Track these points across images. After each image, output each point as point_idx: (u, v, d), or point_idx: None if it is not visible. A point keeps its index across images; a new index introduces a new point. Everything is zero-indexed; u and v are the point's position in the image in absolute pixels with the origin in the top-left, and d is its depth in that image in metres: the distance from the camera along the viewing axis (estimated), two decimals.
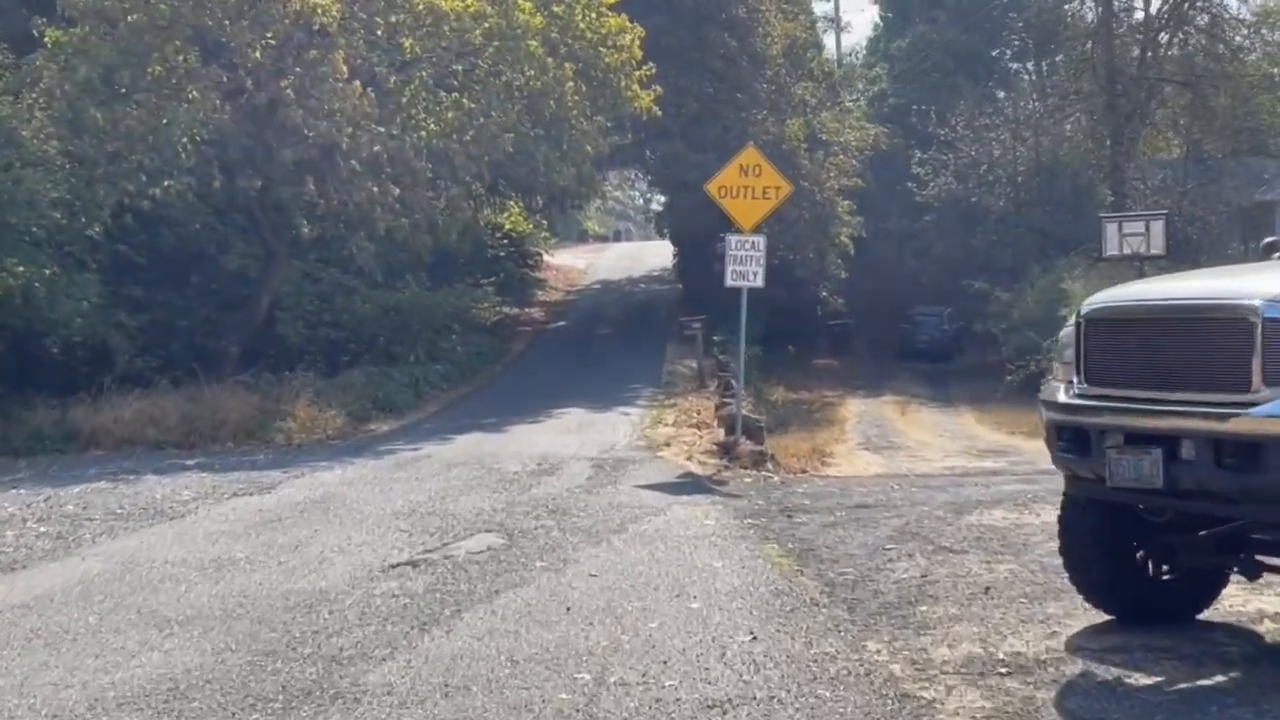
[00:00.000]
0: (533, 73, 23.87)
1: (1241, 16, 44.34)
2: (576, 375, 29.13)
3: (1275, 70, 44.40)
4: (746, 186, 16.59)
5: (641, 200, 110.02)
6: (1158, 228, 23.34)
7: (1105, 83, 40.39)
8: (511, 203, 43.57)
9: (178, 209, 26.98)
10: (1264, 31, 44.58)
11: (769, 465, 16.09)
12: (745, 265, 16.67)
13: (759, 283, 16.74)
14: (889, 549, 9.64)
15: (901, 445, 23.47)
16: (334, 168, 21.62)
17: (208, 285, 27.91)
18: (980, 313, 39.16)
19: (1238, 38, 42.48)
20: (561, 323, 41.06)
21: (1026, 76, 49.68)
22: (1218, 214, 39.83)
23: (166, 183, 21.15)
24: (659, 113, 27.97)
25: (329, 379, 24.92)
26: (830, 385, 37.48)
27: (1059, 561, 7.82)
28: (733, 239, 16.68)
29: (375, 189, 21.59)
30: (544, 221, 47.80)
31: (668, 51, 32.83)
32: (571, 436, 18.41)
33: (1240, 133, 42.07)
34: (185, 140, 21.76)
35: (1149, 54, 40.89)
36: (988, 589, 8.06)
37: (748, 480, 14.41)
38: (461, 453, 16.60)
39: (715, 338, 31.48)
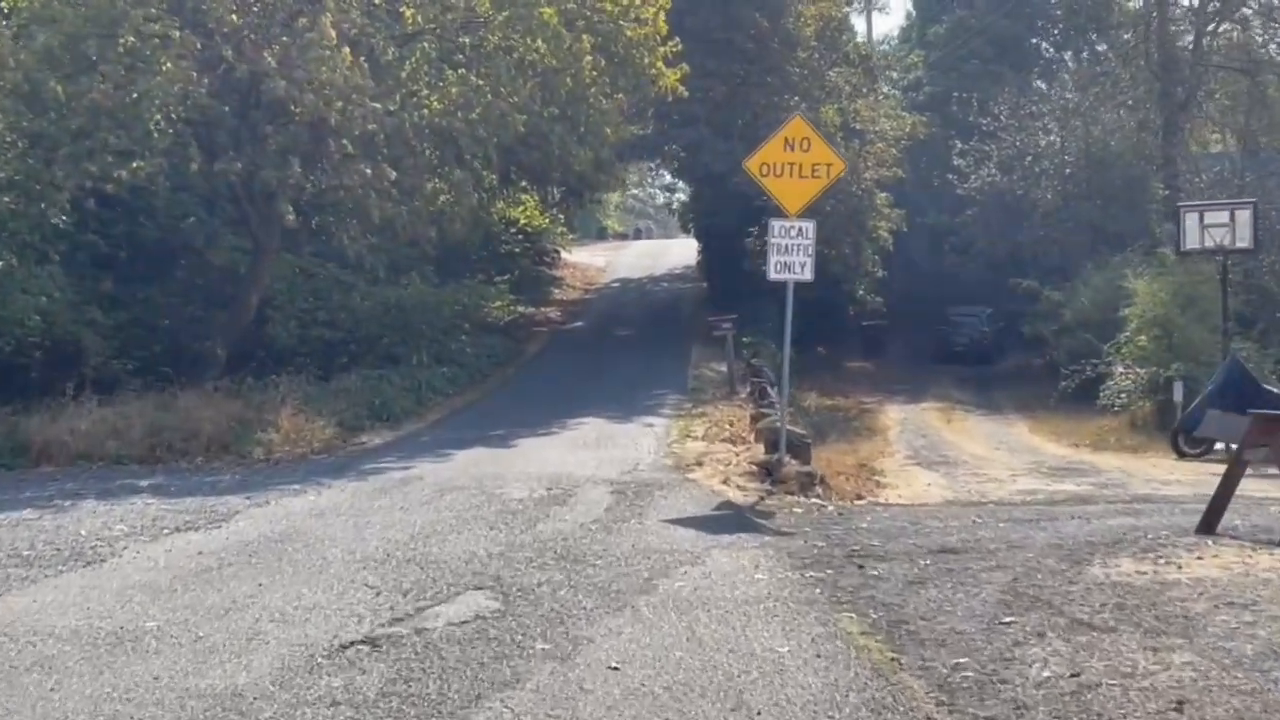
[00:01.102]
0: (547, 46, 21.42)
1: None
2: (595, 380, 26.77)
3: None
4: (792, 163, 14.18)
5: (663, 198, 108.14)
6: (1244, 218, 20.91)
7: (1159, 70, 37.90)
8: (526, 195, 41.44)
9: (161, 197, 24.85)
10: None
11: (819, 490, 13.69)
12: (791, 255, 14.28)
13: (807, 275, 14.34)
14: (1007, 622, 7.23)
15: (957, 460, 21.00)
16: (323, 147, 19.31)
17: (193, 281, 25.69)
18: (1026, 313, 36.69)
19: None
20: (579, 323, 38.67)
21: (1071, 64, 47.02)
22: (1276, 208, 37.26)
23: (136, 164, 18.83)
24: (685, 92, 25.56)
25: (323, 384, 22.64)
26: (866, 390, 35.06)
27: (1252, 650, 5.66)
28: (776, 224, 14.29)
29: (369, 171, 19.22)
30: (561, 216, 45.47)
31: (693, 32, 30.43)
32: (588, 453, 16.03)
33: None
34: (158, 117, 19.48)
35: (1203, 40, 38.37)
36: (1180, 705, 5.62)
37: (798, 511, 12.02)
38: (459, 473, 14.22)
39: (745, 339, 29.13)
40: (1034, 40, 48.50)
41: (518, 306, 37.46)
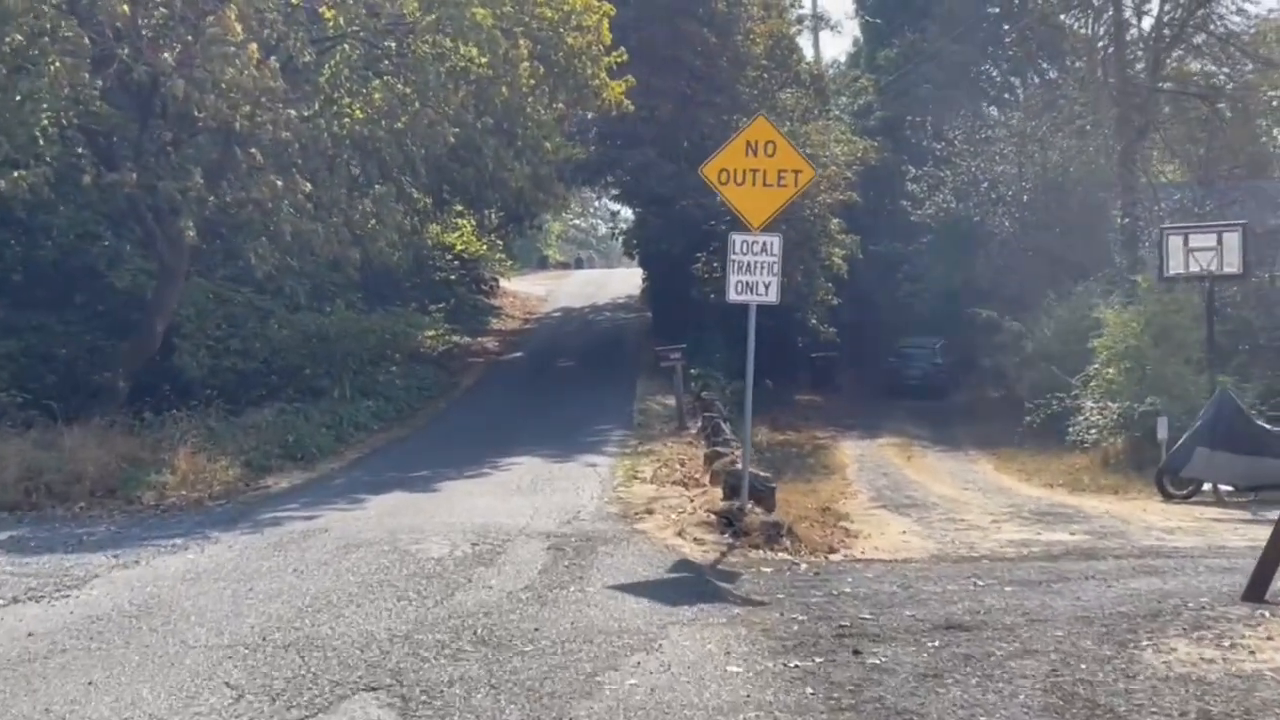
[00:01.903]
0: (480, 51, 19.57)
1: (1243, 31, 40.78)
2: (533, 414, 24.85)
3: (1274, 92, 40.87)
4: (755, 170, 12.47)
5: (605, 228, 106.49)
6: (1232, 241, 19.46)
7: (1117, 95, 36.79)
8: (462, 220, 39.58)
9: (61, 216, 22.81)
10: (1262, 50, 41.06)
11: (786, 542, 11.91)
12: (753, 274, 12.56)
13: (772, 297, 12.63)
14: None
15: (926, 502, 19.30)
16: (229, 157, 17.34)
17: (94, 307, 23.54)
18: (983, 345, 35.27)
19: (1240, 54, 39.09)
20: (518, 353, 36.71)
21: (1022, 90, 45.95)
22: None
23: (18, 174, 16.75)
24: (630, 106, 23.80)
25: (232, 419, 20.59)
26: (818, 425, 33.40)
27: None
28: (738, 239, 12.57)
29: (280, 184, 17.25)
30: (500, 243, 43.58)
31: (639, 48, 28.75)
32: (522, 499, 14.11)
33: (1241, 154, 38.51)
34: (46, 123, 17.45)
35: (1161, 63, 37.33)
36: None
37: (766, 571, 10.22)
38: (371, 524, 12.25)
39: (692, 371, 27.41)
40: (985, 66, 47.38)
41: (452, 336, 35.46)
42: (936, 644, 7.47)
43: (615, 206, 48.63)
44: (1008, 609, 8.60)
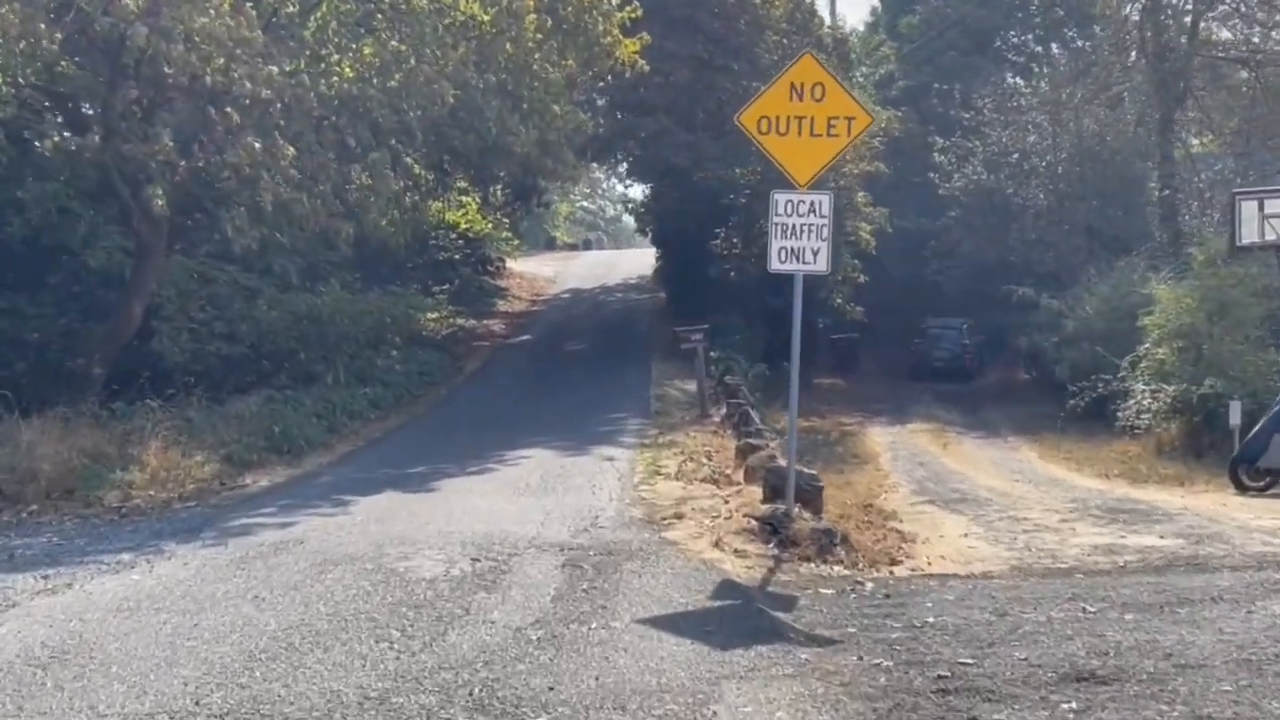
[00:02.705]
0: (482, 3, 17.72)
1: None
2: (542, 401, 23.08)
3: None
4: (801, 117, 10.67)
5: (613, 210, 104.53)
6: None
7: (1153, 59, 34.87)
8: (467, 199, 37.82)
9: (30, 189, 21.01)
10: None
11: (840, 552, 10.15)
12: (799, 239, 10.74)
13: (822, 266, 10.81)
14: None
15: (976, 496, 17.51)
16: (202, 117, 15.55)
17: (68, 288, 21.77)
18: (1019, 325, 33.43)
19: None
20: (526, 336, 34.89)
21: (1048, 58, 44.00)
22: None
23: None
24: (645, 66, 21.94)
25: (217, 408, 18.88)
26: (843, 409, 31.62)
27: None
28: (781, 199, 10.75)
29: (259, 146, 15.44)
30: (506, 222, 41.75)
31: (652, 7, 26.91)
32: (532, 500, 12.32)
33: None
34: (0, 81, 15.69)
35: (1199, 28, 35.36)
36: None
37: (826, 593, 8.48)
38: (355, 534, 10.48)
39: (711, 354, 25.60)
40: (1011, 33, 45.42)
41: (457, 319, 33.72)
42: (1073, 706, 5.71)
43: (624, 187, 46.68)
44: (1140, 648, 6.83)
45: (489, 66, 18.84)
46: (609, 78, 25.82)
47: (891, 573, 9.80)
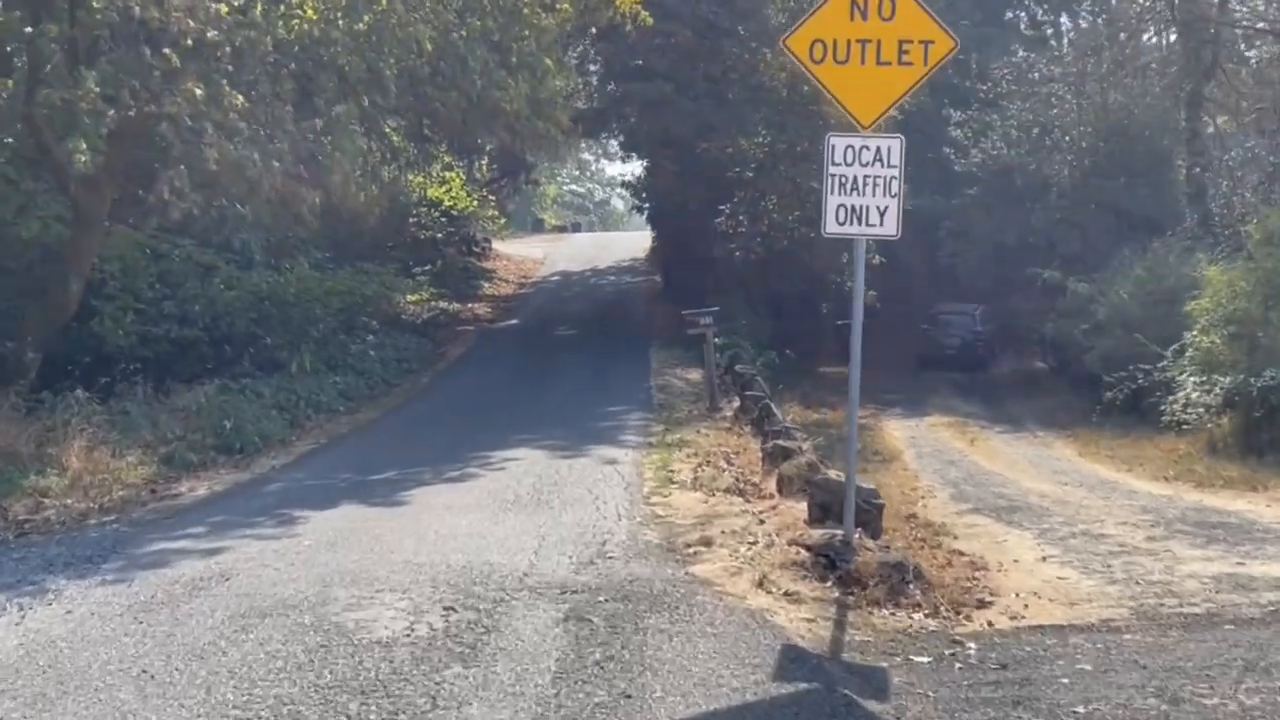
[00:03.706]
0: None
1: None
2: (532, 392, 20.81)
3: None
4: (865, 40, 8.45)
5: (602, 193, 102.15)
6: None
7: (1182, 29, 32.72)
8: (450, 174, 35.51)
9: None
10: None
11: (915, 590, 7.96)
12: (863, 195, 8.53)
13: (890, 228, 8.60)
14: None
15: (1026, 503, 15.31)
16: (133, 57, 13.22)
17: (2, 263, 19.41)
18: (1034, 310, 31.23)
19: None
20: (513, 321, 32.56)
21: (1067, 25, 41.85)
22: None
23: None
24: (649, 19, 19.65)
25: (162, 400, 16.61)
26: None
27: None
28: (839, 144, 8.53)
29: (200, 92, 13.13)
30: (491, 199, 39.42)
31: None
32: (522, 518, 10.04)
33: None
34: None
35: None
36: None
37: (922, 661, 6.29)
38: (297, 568, 8.20)
39: (717, 340, 23.31)
40: (1022, 8, 43.18)
41: (439, 302, 31.42)
42: None
43: (622, 160, 44.32)
44: None
45: (473, 11, 16.52)
46: (604, 39, 23.50)
47: (989, 623, 7.60)
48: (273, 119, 14.37)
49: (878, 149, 8.46)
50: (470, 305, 33.94)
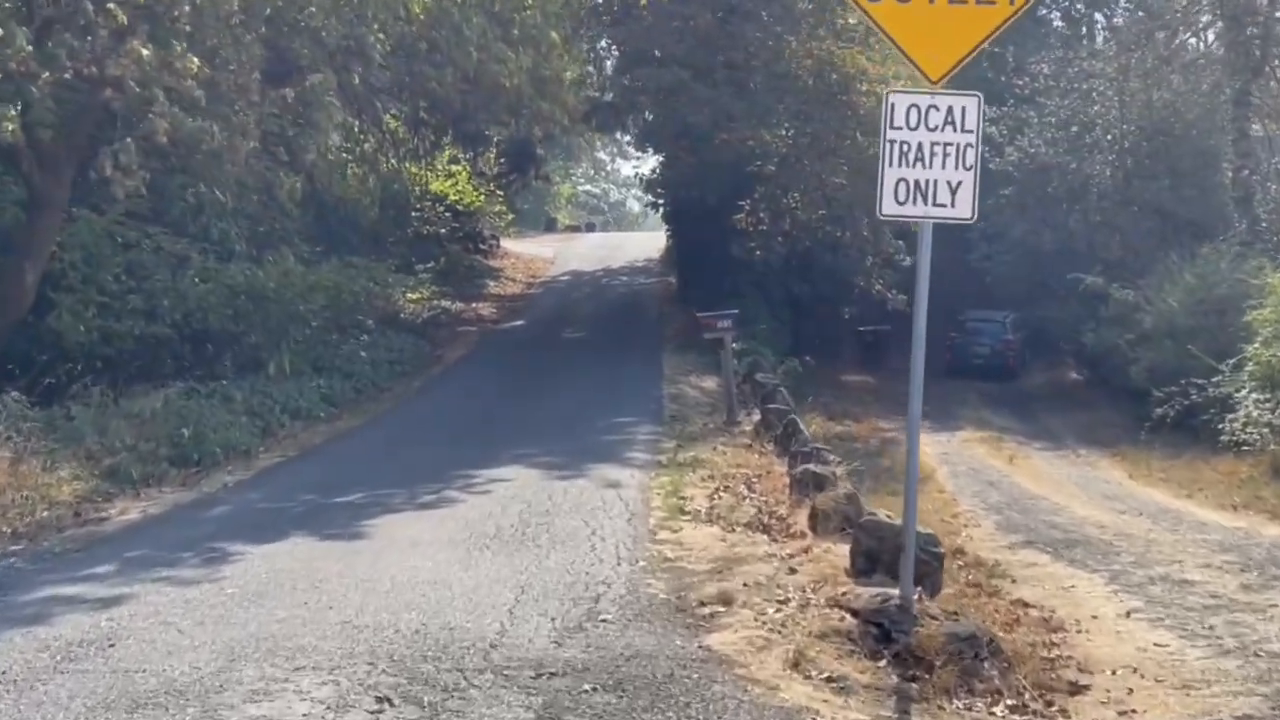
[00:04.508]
0: None
1: None
2: (531, 400, 19.03)
3: None
4: None
5: (618, 193, 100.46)
6: None
7: (1229, 22, 30.86)
8: (457, 168, 33.86)
9: None
10: None
11: (991, 672, 6.21)
12: (930, 167, 6.79)
13: (963, 210, 6.84)
14: None
15: (1084, 535, 13.53)
16: (74, 12, 11.52)
17: None
18: (1072, 318, 29.39)
19: None
20: (518, 322, 30.79)
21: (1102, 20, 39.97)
22: None
23: None
24: None
25: (119, 404, 14.89)
26: (878, 412, 27.50)
27: None
28: (901, 103, 6.79)
29: (147, 52, 11.41)
30: (499, 194, 37.72)
31: None
32: (500, 559, 8.26)
33: None
34: None
35: None
36: None
37: None
38: (204, 629, 6.45)
39: (735, 345, 21.54)
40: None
41: (441, 300, 29.68)
42: None
43: (636, 155, 42.64)
44: None
45: None
46: (618, 23, 21.77)
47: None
48: (237, 88, 12.65)
49: (949, 110, 6.72)
50: (474, 305, 32.19)
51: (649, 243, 46.02)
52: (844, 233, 26.33)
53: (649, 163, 36.29)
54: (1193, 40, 32.25)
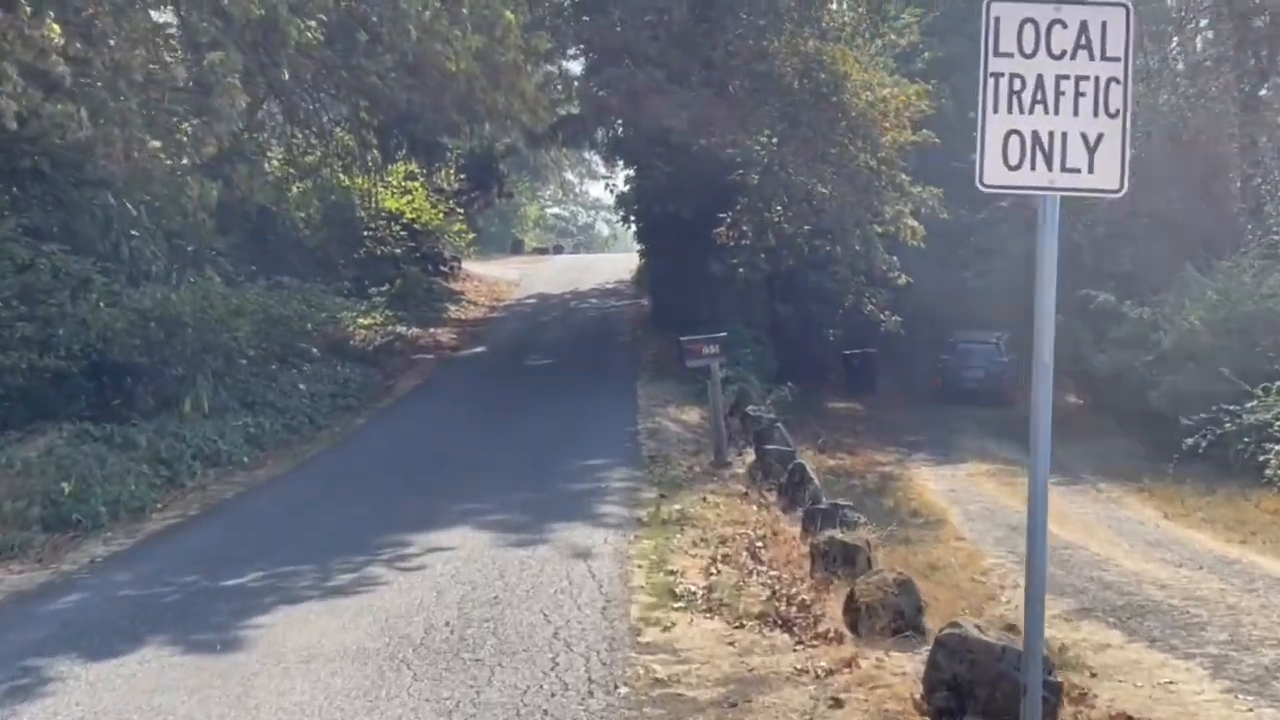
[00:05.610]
0: None
1: None
2: (488, 437, 16.62)
3: None
4: None
5: (587, 215, 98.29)
6: None
7: (1237, 20, 29.06)
8: (413, 183, 31.56)
9: None
10: None
11: None
12: (1052, 114, 4.45)
13: (1110, 179, 4.50)
14: None
15: (1143, 598, 11.31)
16: None
17: None
18: (1078, 338, 27.27)
19: None
20: (479, 348, 28.35)
21: None
22: None
23: None
24: None
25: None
26: (871, 442, 25.37)
27: None
28: (1007, 14, 4.47)
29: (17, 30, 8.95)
30: (459, 212, 35.37)
31: None
32: (421, 687, 5.85)
33: None
34: None
35: None
36: None
37: None
38: None
39: (721, 374, 19.22)
40: None
41: (396, 326, 27.29)
42: None
43: (607, 169, 40.41)
44: None
45: None
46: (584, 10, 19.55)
47: None
48: (116, 65, 10.29)
49: (1083, 26, 4.43)
50: (432, 330, 29.76)
51: (619, 264, 43.89)
52: (833, 247, 24.11)
53: (620, 177, 33.97)
54: (1201, 39, 30.38)
